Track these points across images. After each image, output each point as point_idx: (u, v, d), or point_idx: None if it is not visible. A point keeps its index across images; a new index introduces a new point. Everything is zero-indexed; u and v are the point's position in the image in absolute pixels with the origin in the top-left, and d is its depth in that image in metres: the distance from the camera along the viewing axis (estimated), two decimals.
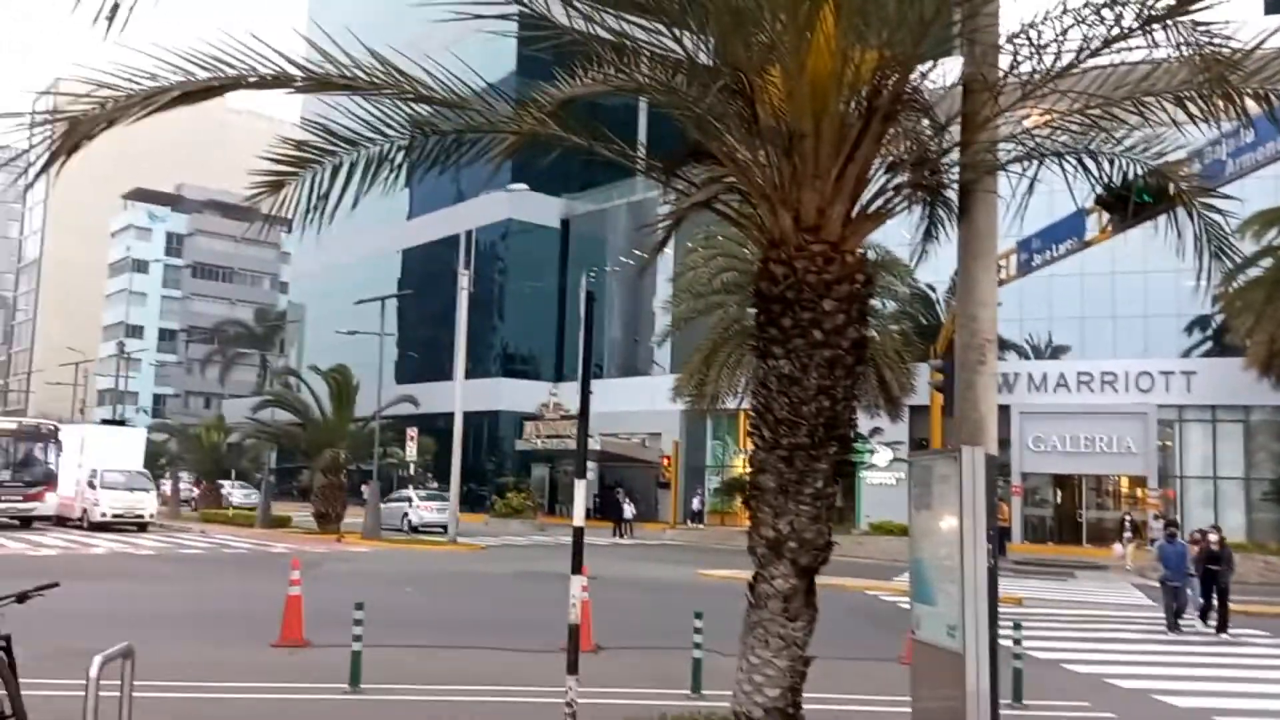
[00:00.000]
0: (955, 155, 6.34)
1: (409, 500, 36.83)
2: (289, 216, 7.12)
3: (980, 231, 6.47)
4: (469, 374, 35.20)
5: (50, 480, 31.51)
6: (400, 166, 7.16)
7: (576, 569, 7.13)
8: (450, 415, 31.93)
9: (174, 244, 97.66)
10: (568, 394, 45.59)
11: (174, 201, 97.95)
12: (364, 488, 35.17)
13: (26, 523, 30.75)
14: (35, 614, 6.53)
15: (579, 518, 7.21)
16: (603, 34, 6.01)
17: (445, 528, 32.32)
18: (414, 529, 35.14)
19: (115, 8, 4.84)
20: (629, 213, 53.31)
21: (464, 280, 33.20)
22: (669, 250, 26.22)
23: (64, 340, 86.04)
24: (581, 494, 7.25)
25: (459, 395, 32.07)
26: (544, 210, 55.80)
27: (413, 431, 36.28)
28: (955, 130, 6.28)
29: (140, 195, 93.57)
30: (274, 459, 46.56)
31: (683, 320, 29.75)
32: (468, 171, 8.07)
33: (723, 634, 9.82)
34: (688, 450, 44.99)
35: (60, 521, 32.03)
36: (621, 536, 37.58)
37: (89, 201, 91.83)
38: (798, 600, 5.78)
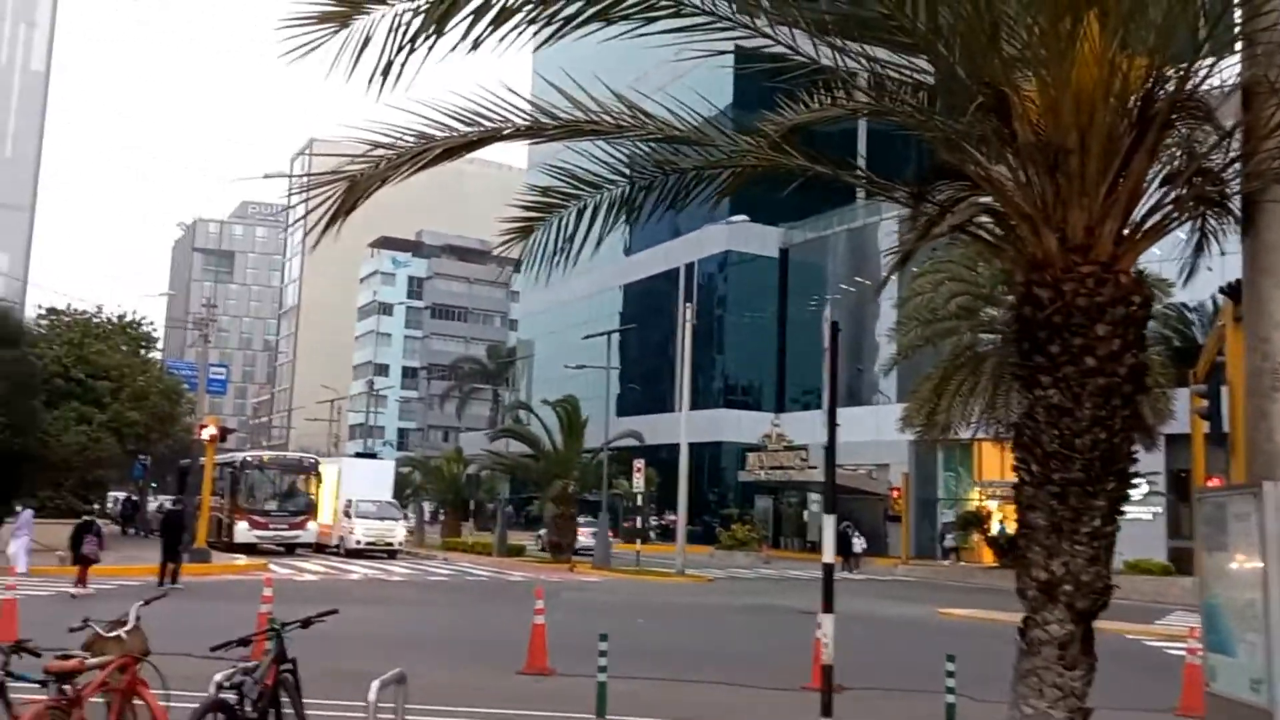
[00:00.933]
0: (1238, 164, 5.81)
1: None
2: (521, 259, 7.39)
3: (1270, 245, 5.88)
4: (691, 405, 35.50)
5: (311, 510, 34.08)
6: (640, 206, 7.30)
7: (828, 607, 6.95)
8: (673, 446, 32.26)
9: (415, 287, 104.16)
10: (790, 424, 45.12)
11: (415, 248, 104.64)
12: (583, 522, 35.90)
13: (291, 549, 33.31)
14: (308, 636, 6.98)
15: (829, 554, 7.04)
16: (851, 63, 5.90)
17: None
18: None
19: (388, 66, 5.16)
20: (848, 240, 52.51)
21: (687, 313, 33.60)
22: (893, 275, 25.55)
23: (319, 379, 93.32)
24: (831, 530, 7.07)
25: (684, 428, 32.37)
26: (762, 240, 55.81)
27: (639, 463, 36.88)
28: (1239, 137, 5.76)
29: (385, 243, 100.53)
30: (507, 489, 48.53)
31: (911, 348, 28.89)
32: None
33: (973, 678, 9.33)
34: (918, 482, 43.51)
35: (319, 548, 34.51)
36: (850, 571, 36.71)
37: (341, 251, 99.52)
38: (1074, 647, 5.38)
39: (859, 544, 38.19)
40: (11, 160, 77.45)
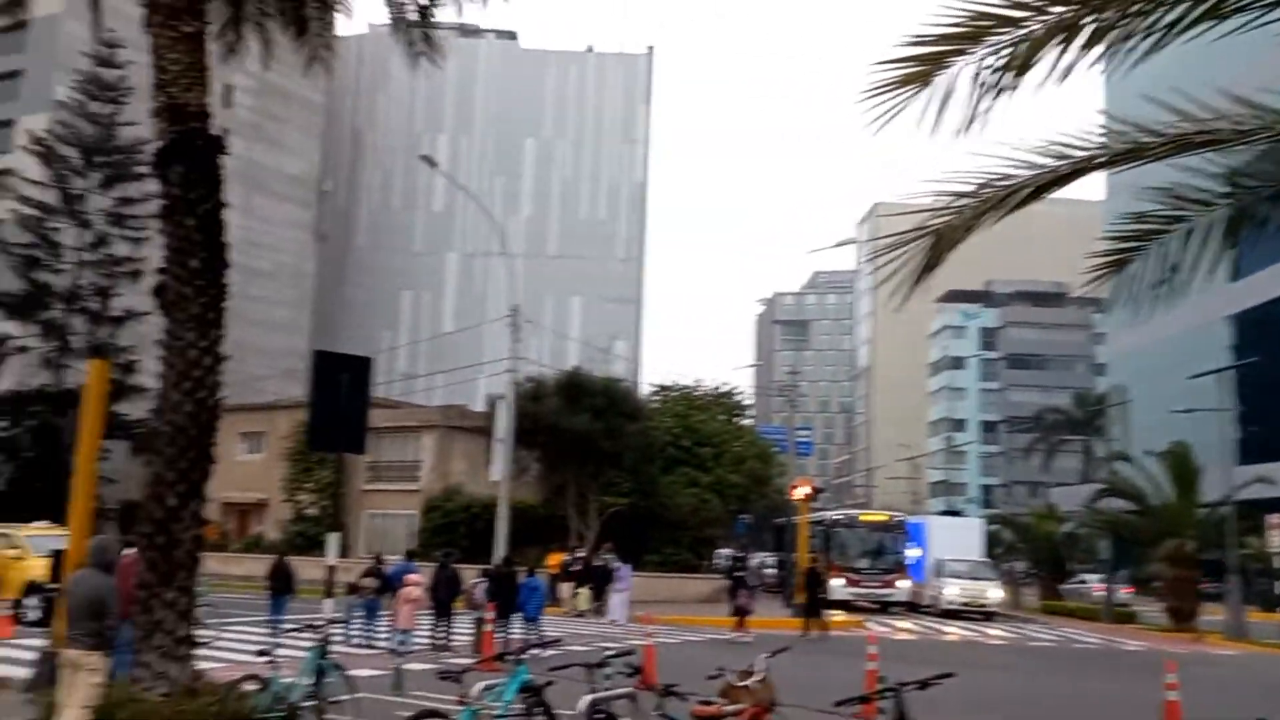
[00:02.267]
0: None
1: None
2: (1108, 297, 6.74)
3: None
4: None
5: (900, 568, 34.23)
6: (1265, 220, 6.35)
7: None
8: None
9: (987, 338, 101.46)
10: None
11: (984, 298, 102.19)
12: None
13: (884, 607, 33.69)
14: (920, 698, 6.86)
15: None
16: None
17: None
18: None
19: (973, 115, 5.07)
20: None
21: None
22: None
23: (896, 438, 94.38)
24: None
25: None
26: None
27: (1274, 518, 31.71)
28: None
29: (953, 296, 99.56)
30: (1109, 549, 44.53)
31: None
32: None
33: None
34: None
35: (912, 607, 34.44)
36: None
37: (909, 310, 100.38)
38: None
39: None
40: (623, 261, 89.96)
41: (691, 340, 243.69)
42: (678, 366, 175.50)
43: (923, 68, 5.03)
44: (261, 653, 9.70)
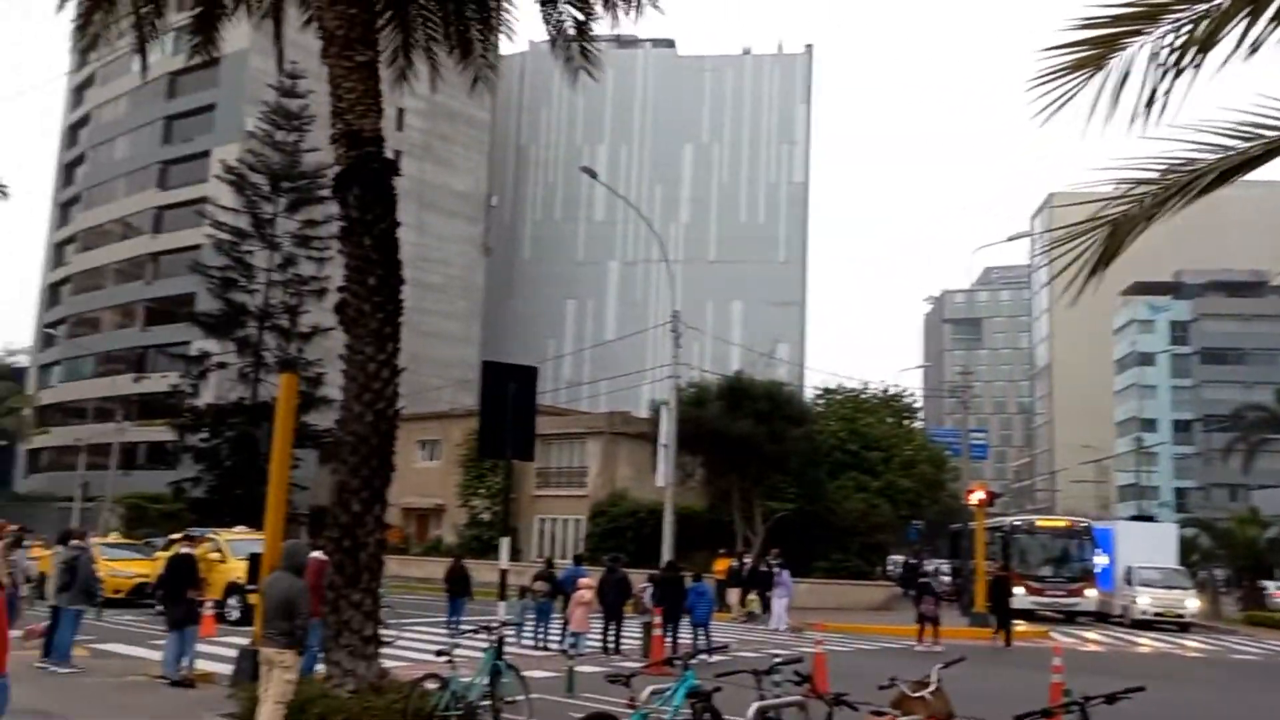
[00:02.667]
0: None
1: None
2: None
3: None
4: None
5: (1087, 576, 32.56)
6: None
7: None
8: None
9: (1178, 332, 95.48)
10: None
11: (1173, 290, 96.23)
12: None
13: (1070, 617, 32.11)
14: (1109, 713, 6.51)
15: None
16: None
17: None
18: None
19: (1151, 98, 4.79)
20: None
21: None
22: None
23: (1079, 439, 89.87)
24: None
25: None
26: None
27: None
28: None
29: (1139, 289, 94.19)
30: None
31: None
32: None
33: None
34: None
35: (1100, 617, 32.71)
36: None
37: (1090, 304, 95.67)
38: None
39: None
40: (784, 263, 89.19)
41: (857, 342, 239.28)
42: (843, 369, 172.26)
43: (1095, 51, 4.78)
44: (440, 653, 10.06)
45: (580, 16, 12.73)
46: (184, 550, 14.25)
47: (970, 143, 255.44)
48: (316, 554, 11.08)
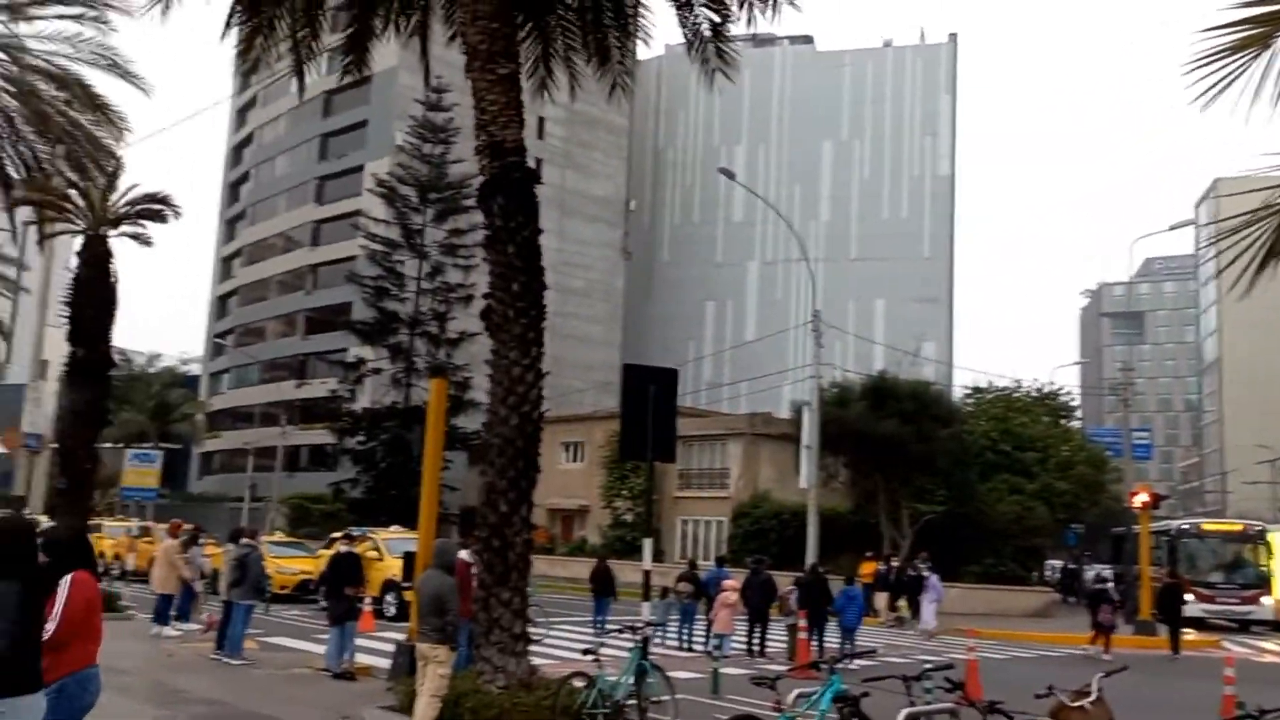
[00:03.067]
0: None
1: None
2: None
3: None
4: None
5: (1265, 583, 30.62)
6: None
7: None
8: None
9: None
10: None
11: None
12: None
13: (1244, 626, 30.26)
14: None
15: None
16: None
17: None
18: None
19: None
20: None
21: None
22: None
23: (1252, 438, 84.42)
24: None
25: None
26: None
27: None
28: None
29: None
30: None
31: None
32: None
33: None
34: None
35: (1278, 626, 30.70)
36: None
37: (1260, 295, 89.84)
38: None
39: None
40: (929, 259, 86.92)
41: (1007, 340, 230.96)
42: (993, 367, 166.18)
43: (1260, 29, 4.49)
44: (586, 651, 10.22)
45: (716, 18, 12.75)
46: (346, 549, 14.90)
47: (1125, 129, 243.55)
48: (463, 554, 11.42)
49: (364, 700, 11.21)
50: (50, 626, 4.94)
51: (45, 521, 16.89)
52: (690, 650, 18.56)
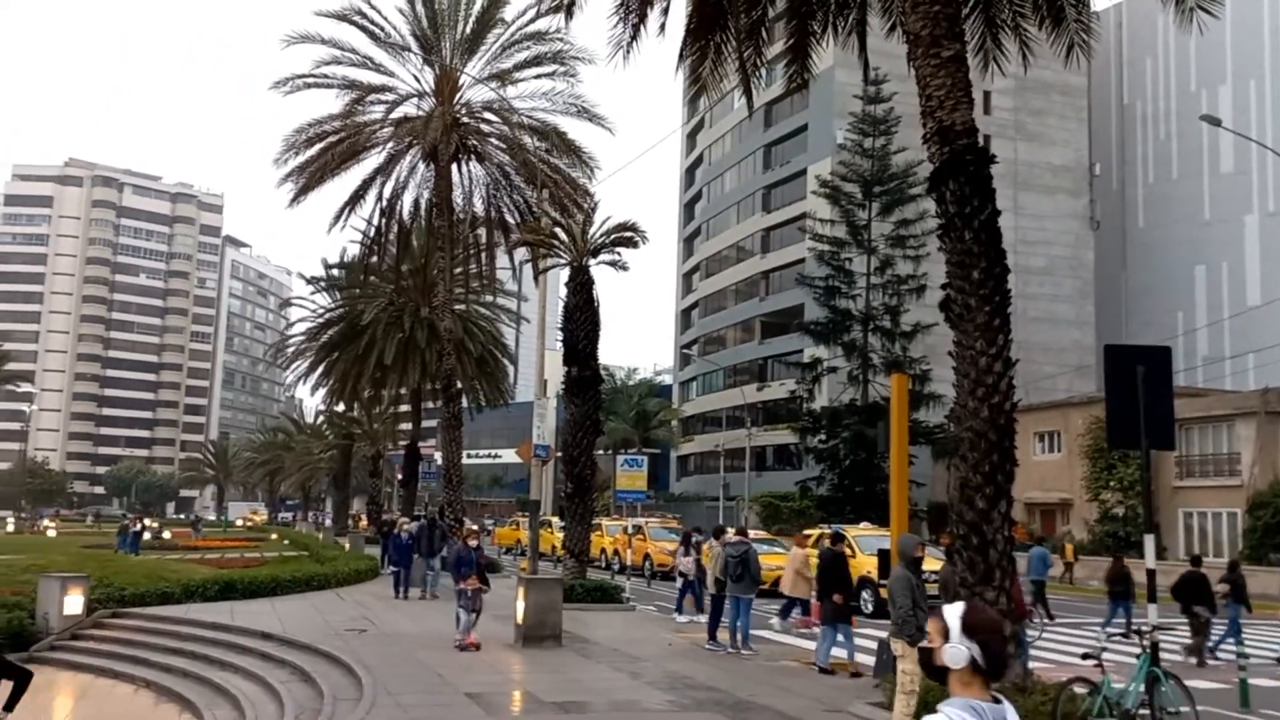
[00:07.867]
0: None
1: None
2: None
3: None
4: None
5: None
6: None
7: None
8: None
9: None
10: None
11: None
12: None
13: None
14: None
15: None
16: None
17: None
18: None
19: None
20: None
21: None
22: None
23: None
24: None
25: None
26: None
27: None
28: None
29: None
30: None
31: None
32: None
33: None
34: None
35: None
36: None
37: None
38: None
39: None
40: None
41: None
42: None
43: None
44: (1087, 656, 9.53)
45: None
46: (830, 549, 15.03)
47: None
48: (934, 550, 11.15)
49: (854, 695, 11.34)
50: None
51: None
52: (1213, 659, 16.58)
